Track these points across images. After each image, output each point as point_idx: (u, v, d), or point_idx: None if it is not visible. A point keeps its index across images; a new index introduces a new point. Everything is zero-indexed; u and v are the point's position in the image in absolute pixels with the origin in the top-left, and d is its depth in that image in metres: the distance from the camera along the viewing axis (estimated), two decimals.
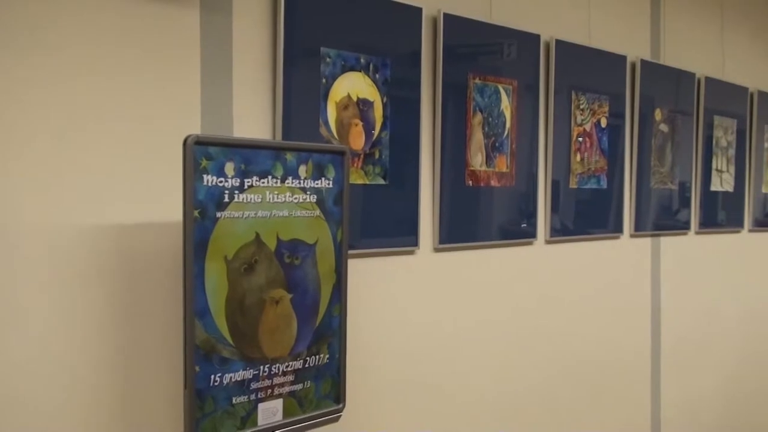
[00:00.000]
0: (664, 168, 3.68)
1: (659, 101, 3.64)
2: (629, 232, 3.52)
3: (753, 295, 4.48)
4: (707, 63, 4.04)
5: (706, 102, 3.93)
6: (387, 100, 2.40)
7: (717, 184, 4.09)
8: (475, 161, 2.71)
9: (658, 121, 3.64)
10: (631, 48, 3.50)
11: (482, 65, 2.76)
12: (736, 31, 4.28)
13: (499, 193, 2.83)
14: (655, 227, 3.68)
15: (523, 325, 3.01)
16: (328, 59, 2.24)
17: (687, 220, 3.90)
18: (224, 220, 1.77)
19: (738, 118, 4.23)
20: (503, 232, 2.88)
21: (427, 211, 2.58)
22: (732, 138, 4.18)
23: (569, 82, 3.12)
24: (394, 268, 2.51)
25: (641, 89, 3.49)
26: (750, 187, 4.38)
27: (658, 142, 3.63)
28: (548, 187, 3.05)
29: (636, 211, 3.52)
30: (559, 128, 3.07)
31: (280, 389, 1.91)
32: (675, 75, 3.77)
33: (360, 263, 2.37)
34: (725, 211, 4.26)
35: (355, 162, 2.32)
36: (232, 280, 1.78)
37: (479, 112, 2.72)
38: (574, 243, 3.24)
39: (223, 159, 1.76)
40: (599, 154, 3.28)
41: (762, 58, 4.57)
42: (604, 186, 3.32)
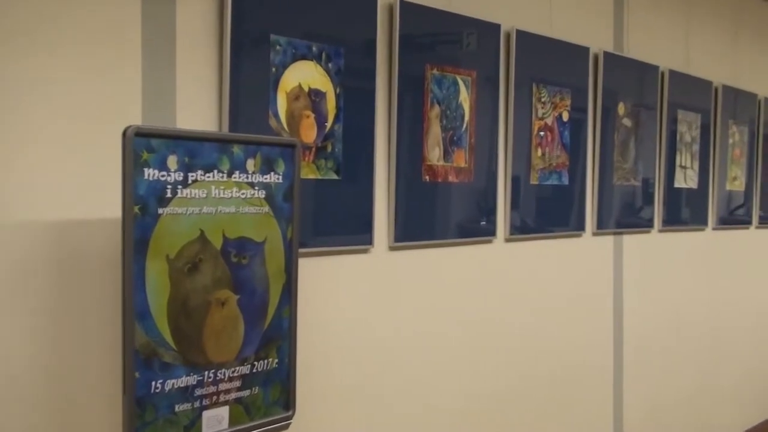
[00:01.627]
0: (627, 164, 3.75)
1: (622, 95, 3.71)
2: (591, 230, 3.58)
3: (717, 295, 4.59)
4: (671, 56, 4.13)
5: (670, 96, 4.01)
6: (340, 90, 2.40)
7: (681, 181, 4.18)
8: (433, 156, 2.73)
9: (622, 115, 3.71)
10: (594, 39, 3.56)
11: (440, 55, 2.78)
12: (701, 24, 4.38)
13: (457, 190, 2.85)
14: (618, 225, 3.75)
15: (483, 326, 3.04)
16: (279, 47, 2.24)
17: (650, 217, 3.98)
18: (166, 216, 1.76)
19: (702, 113, 4.33)
20: (461, 230, 2.91)
21: (382, 208, 2.60)
22: (696, 133, 4.28)
23: (530, 74, 3.16)
24: (347, 267, 2.51)
25: (604, 82, 3.55)
26: (714, 184, 4.49)
27: (621, 137, 3.70)
28: (508, 184, 3.09)
29: (598, 209, 3.58)
30: (519, 122, 3.11)
31: (226, 396, 1.91)
32: (639, 68, 3.84)
33: (311, 262, 2.37)
34: (689, 208, 4.36)
35: (307, 156, 2.32)
36: (174, 281, 1.77)
37: (437, 105, 2.74)
38: (534, 241, 3.28)
39: (165, 152, 1.75)
40: (561, 149, 3.33)
41: (727, 51, 4.68)
42: (565, 182, 3.37)
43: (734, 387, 4.78)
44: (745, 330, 4.88)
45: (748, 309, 4.90)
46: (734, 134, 4.64)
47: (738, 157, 4.70)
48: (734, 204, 4.76)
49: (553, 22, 3.32)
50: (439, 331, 2.85)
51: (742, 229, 4.85)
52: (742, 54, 4.79)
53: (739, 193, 4.76)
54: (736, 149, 4.68)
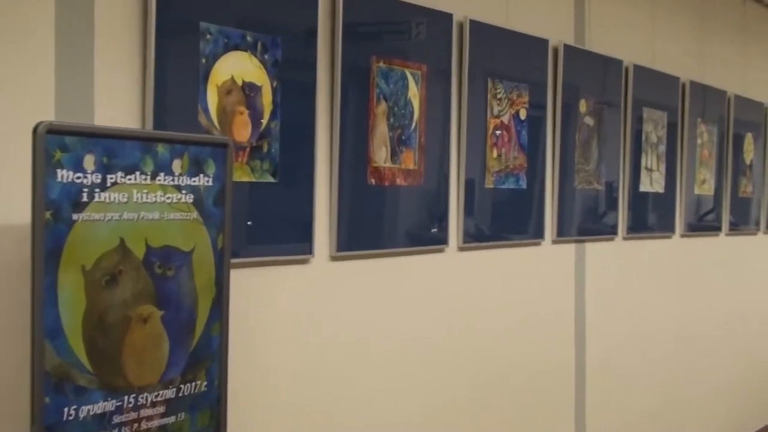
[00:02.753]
0: (589, 166, 3.82)
1: (584, 91, 3.78)
2: (551, 238, 3.64)
3: (686, 306, 4.70)
4: (636, 49, 4.21)
5: (634, 92, 4.10)
6: (277, 84, 2.41)
7: (646, 184, 4.27)
8: (379, 157, 2.75)
9: (583, 113, 3.78)
10: (553, 31, 3.62)
11: (387, 47, 2.80)
12: (667, 15, 4.48)
13: (405, 194, 2.87)
14: (580, 232, 3.82)
15: (434, 342, 3.06)
16: (209, 36, 2.23)
17: (614, 224, 4.06)
18: (82, 223, 1.74)
19: (669, 111, 4.43)
20: (411, 237, 2.93)
21: (324, 214, 2.60)
22: (662, 133, 4.38)
23: (485, 67, 3.21)
24: (285, 279, 2.51)
25: (564, 77, 3.61)
26: (682, 188, 4.59)
27: (582, 136, 3.77)
28: (461, 187, 3.12)
29: (558, 214, 3.64)
30: (473, 120, 3.15)
31: (148, 423, 1.89)
32: (601, 62, 3.92)
33: (245, 274, 2.36)
34: (655, 214, 4.46)
35: (240, 156, 2.31)
36: (90, 295, 1.75)
37: (384, 101, 2.76)
38: (490, 250, 3.32)
39: (81, 151, 1.73)
40: (518, 149, 3.38)
41: (694, 45, 4.79)
42: (523, 186, 3.42)
43: (704, 401, 4.90)
44: (715, 342, 5.00)
45: (718, 320, 5.02)
46: (702, 134, 4.76)
47: (707, 158, 4.82)
48: (703, 209, 4.87)
49: (510, 12, 3.36)
50: (386, 348, 2.86)
51: (711, 236, 4.97)
52: (710, 48, 4.91)
53: (708, 197, 4.88)
54: (705, 150, 4.79)
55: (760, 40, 5.54)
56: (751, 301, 5.43)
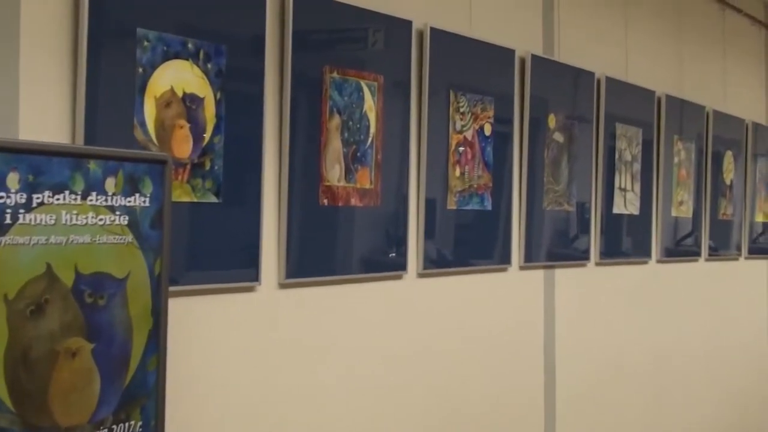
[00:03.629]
0: (559, 186, 3.87)
1: (553, 105, 3.84)
2: (518, 263, 3.67)
3: (662, 336, 4.76)
4: (609, 61, 4.28)
5: (607, 107, 4.16)
6: (221, 96, 2.41)
7: (620, 206, 4.34)
8: (332, 175, 2.76)
9: (552, 128, 3.83)
10: (520, 41, 3.67)
11: (341, 56, 2.82)
12: (641, 25, 4.56)
13: (361, 215, 2.89)
14: (549, 257, 3.86)
15: (392, 375, 3.07)
16: (147, 43, 2.23)
17: (586, 248, 4.11)
18: (4, 247, 1.73)
19: (644, 127, 4.51)
20: (366, 263, 2.94)
21: (271, 238, 2.61)
22: (637, 151, 4.45)
23: (447, 79, 3.24)
24: (229, 308, 2.51)
25: (532, 90, 3.66)
26: (658, 210, 4.67)
27: (552, 154, 3.82)
28: (421, 208, 3.14)
29: (526, 238, 3.67)
30: (434, 136, 3.18)
31: None
32: (571, 74, 3.98)
33: (184, 303, 2.36)
34: (630, 238, 4.52)
35: (180, 174, 2.31)
36: (13, 326, 1.74)
37: (337, 114, 2.78)
38: (452, 276, 3.34)
39: (4, 168, 1.72)
40: (483, 167, 3.41)
41: (671, 57, 4.89)
42: (488, 207, 3.45)
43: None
44: (693, 374, 5.06)
45: (697, 351, 5.09)
46: (680, 152, 4.84)
47: (684, 178, 4.90)
48: (681, 233, 4.95)
49: (473, 19, 3.41)
50: (339, 383, 2.86)
51: (690, 261, 5.05)
52: (688, 60, 5.01)
53: (687, 220, 4.96)
54: (682, 169, 4.88)
55: (740, 52, 5.66)
56: (732, 331, 5.51)
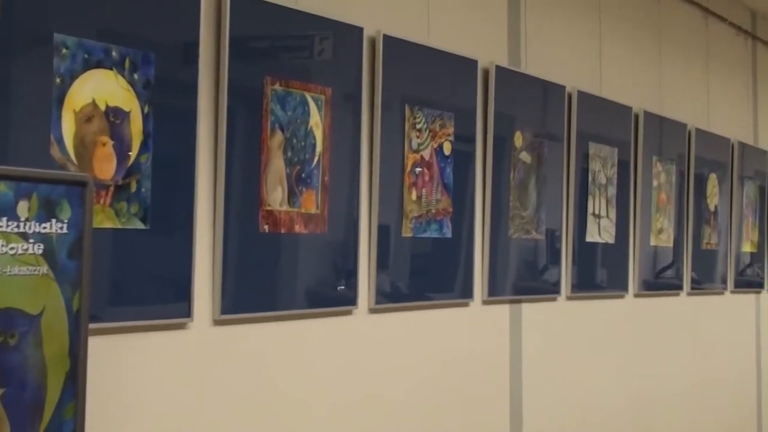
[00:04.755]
0: (526, 211, 3.90)
1: (520, 122, 3.88)
2: (481, 297, 3.69)
3: (640, 378, 4.80)
4: (581, 74, 4.34)
5: (579, 124, 4.22)
6: (149, 109, 2.41)
7: (594, 234, 4.38)
8: (274, 198, 2.77)
9: (519, 147, 3.87)
10: (483, 50, 3.71)
11: (285, 66, 2.83)
12: (618, 35, 4.62)
13: (306, 243, 2.90)
14: (516, 290, 3.89)
15: (341, 423, 3.06)
16: (65, 50, 2.23)
17: (556, 281, 4.14)
18: None
19: (620, 147, 4.57)
20: (312, 296, 2.94)
21: (205, 268, 2.60)
22: (612, 173, 4.50)
23: (402, 92, 3.27)
24: (157, 348, 2.49)
25: (497, 105, 3.70)
26: (635, 239, 4.72)
27: (518, 176, 3.86)
28: (373, 236, 3.16)
29: (490, 269, 3.70)
30: (388, 155, 3.20)
31: None
32: (540, 88, 4.03)
33: (107, 342, 2.34)
34: (605, 269, 4.56)
35: (102, 197, 2.31)
36: None
37: (279, 131, 2.79)
38: (408, 312, 3.35)
39: None
40: (442, 191, 3.44)
41: (649, 69, 4.96)
42: (447, 234, 3.48)
43: None
44: (674, 419, 5.10)
45: (678, 394, 5.13)
46: (659, 174, 4.91)
47: (664, 203, 4.96)
48: (661, 264, 5.01)
49: (432, 26, 3.44)
50: (281, 430, 2.86)
51: (670, 296, 5.10)
52: (668, 73, 5.09)
53: (667, 249, 5.02)
54: (662, 193, 4.94)
55: (725, 65, 5.76)
56: (718, 373, 5.57)
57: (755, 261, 6.12)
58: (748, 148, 5.95)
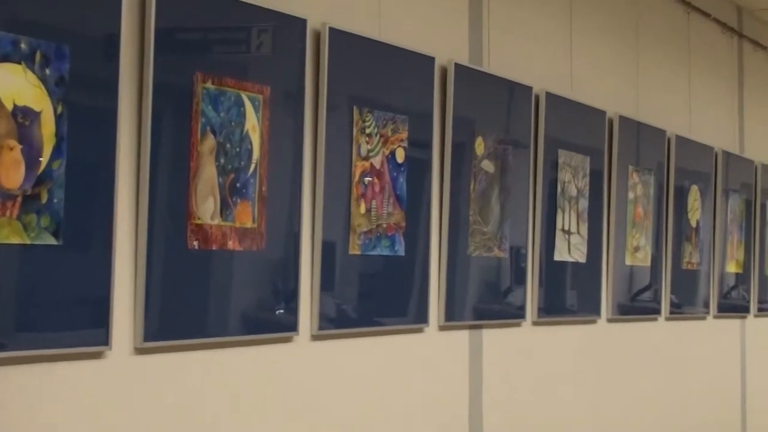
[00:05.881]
0: (488, 226, 3.91)
1: (482, 126, 3.89)
2: (438, 322, 3.69)
3: (614, 411, 4.82)
4: (549, 73, 4.36)
5: (548, 129, 4.24)
6: (63, 109, 2.39)
7: (563, 252, 4.40)
8: (204, 211, 2.75)
9: (481, 155, 3.88)
10: (441, 46, 3.72)
11: (218, 62, 2.82)
12: (590, 30, 4.65)
13: (240, 262, 2.88)
14: (476, 315, 3.89)
15: None
16: None
17: (521, 304, 4.15)
18: None
19: (592, 155, 4.60)
20: (247, 321, 2.92)
21: (126, 290, 2.57)
22: (584, 184, 4.53)
23: (350, 92, 3.27)
24: (70, 380, 2.46)
25: (456, 107, 3.71)
26: (609, 257, 4.75)
27: (479, 186, 3.87)
28: (317, 254, 3.14)
29: (447, 291, 3.70)
30: (333, 163, 3.19)
31: None
32: (504, 88, 4.05)
33: (12, 373, 2.31)
34: (575, 291, 4.58)
35: (8, 208, 2.28)
36: None
37: (211, 134, 2.77)
38: (355, 339, 3.34)
39: None
40: (394, 203, 3.44)
41: (625, 68, 5.00)
42: (400, 252, 3.48)
43: None
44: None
45: (655, 427, 5.16)
46: (636, 186, 4.95)
47: (641, 218, 5.00)
48: (637, 285, 5.04)
49: (383, 19, 3.44)
50: None
51: (647, 320, 5.14)
52: (646, 73, 5.13)
53: (644, 269, 5.06)
54: (639, 207, 4.98)
55: (708, 65, 5.83)
56: (699, 404, 5.61)
57: (740, 283, 6.17)
58: (733, 158, 6.02)
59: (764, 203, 6.46)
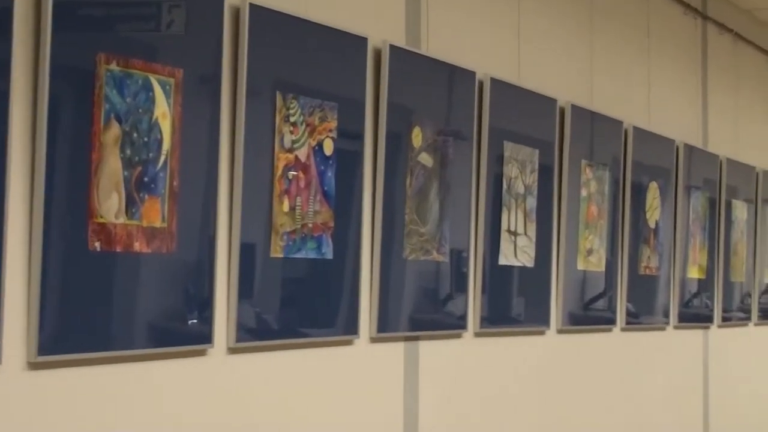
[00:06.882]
0: (425, 227, 3.92)
1: (419, 115, 3.90)
2: (369, 334, 3.69)
3: (565, 430, 4.88)
4: (494, 57, 4.39)
5: (493, 119, 4.26)
6: None
7: (509, 255, 4.42)
8: (108, 208, 2.73)
9: (418, 147, 3.88)
10: (374, 26, 3.72)
11: (124, 41, 2.80)
12: (540, 10, 4.68)
13: (148, 265, 2.86)
14: (412, 325, 3.90)
15: None
16: None
17: (462, 313, 4.16)
18: None
19: (541, 148, 4.63)
20: (156, 333, 2.91)
21: (17, 297, 2.55)
22: (532, 180, 4.55)
23: (272, 76, 3.26)
24: None
25: (390, 94, 3.72)
26: (559, 261, 4.78)
27: (416, 182, 3.87)
28: (235, 257, 3.14)
29: (380, 299, 3.70)
30: (253, 155, 3.18)
31: None
32: (444, 73, 4.06)
33: None
34: (523, 299, 4.60)
35: None
36: None
37: (116, 122, 2.75)
38: (277, 352, 3.33)
39: None
40: (321, 200, 3.43)
41: (578, 54, 5.03)
42: (328, 255, 3.48)
43: None
44: None
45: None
46: (589, 182, 4.99)
47: (595, 218, 5.04)
48: (590, 293, 5.09)
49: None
50: None
51: (601, 331, 5.18)
52: (600, 58, 5.17)
53: (598, 275, 5.10)
54: (592, 206, 5.02)
55: (670, 50, 5.89)
56: (656, 425, 5.67)
57: (703, 290, 6.24)
58: (696, 152, 6.09)
59: (729, 202, 6.53)
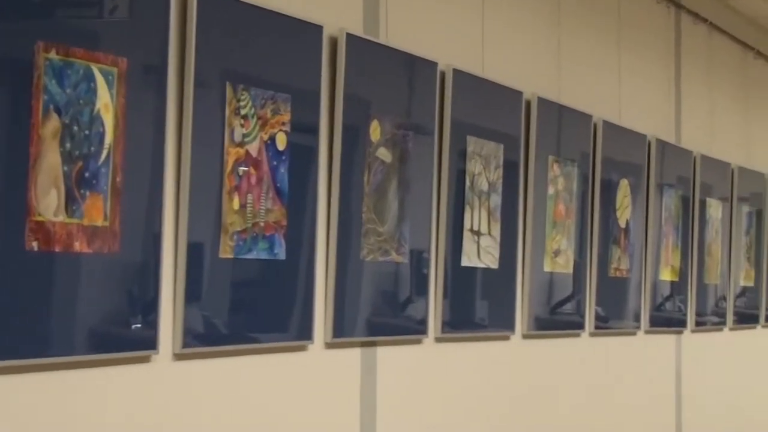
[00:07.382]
0: (384, 226, 3.92)
1: (378, 108, 3.91)
2: (324, 339, 3.69)
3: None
4: (456, 47, 4.39)
5: (455, 112, 4.27)
6: None
7: (472, 256, 4.43)
8: (46, 205, 2.71)
9: (376, 142, 3.89)
10: (331, 13, 3.72)
11: (64, 28, 2.78)
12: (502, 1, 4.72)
13: (89, 266, 2.85)
14: (370, 330, 3.91)
15: None
16: None
17: (422, 317, 4.17)
18: None
19: (506, 143, 4.64)
20: (97, 338, 2.89)
21: None
22: (497, 176, 4.56)
23: (222, 65, 3.26)
24: None
25: (347, 85, 3.72)
26: (525, 263, 4.80)
27: (375, 179, 3.88)
28: (182, 257, 3.13)
29: (336, 302, 3.70)
30: (202, 149, 3.18)
31: None
32: (404, 64, 4.07)
33: None
34: (486, 302, 4.61)
35: None
36: None
37: (55, 114, 2.73)
38: (226, 359, 3.33)
39: None
40: (274, 198, 3.43)
41: (545, 45, 5.05)
42: (281, 256, 3.47)
43: None
44: None
45: None
46: (557, 179, 5.00)
47: (562, 217, 5.05)
48: (557, 296, 5.10)
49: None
50: None
51: (569, 336, 5.20)
52: (567, 49, 5.18)
53: (565, 276, 5.12)
54: (560, 204, 5.03)
55: (641, 41, 5.91)
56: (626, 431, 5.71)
57: (676, 292, 6.27)
58: (669, 148, 6.11)
59: (704, 200, 6.56)
